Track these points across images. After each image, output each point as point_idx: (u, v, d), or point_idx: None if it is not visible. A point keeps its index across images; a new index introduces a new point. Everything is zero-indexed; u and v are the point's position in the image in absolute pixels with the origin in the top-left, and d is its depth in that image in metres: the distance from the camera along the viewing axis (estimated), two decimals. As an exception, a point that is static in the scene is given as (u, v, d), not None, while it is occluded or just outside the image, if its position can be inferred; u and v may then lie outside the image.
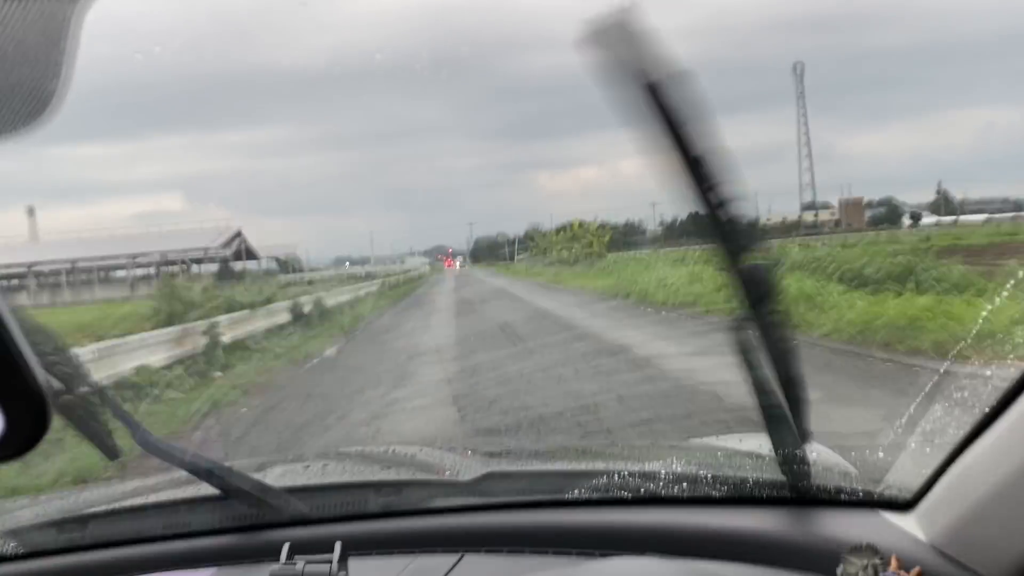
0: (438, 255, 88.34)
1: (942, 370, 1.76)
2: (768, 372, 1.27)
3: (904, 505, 1.38)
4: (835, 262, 16.77)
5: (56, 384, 1.23)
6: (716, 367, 8.46)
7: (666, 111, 1.11)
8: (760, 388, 1.30)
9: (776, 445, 1.40)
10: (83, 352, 10.36)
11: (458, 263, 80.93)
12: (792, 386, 1.29)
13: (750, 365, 1.28)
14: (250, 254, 59.87)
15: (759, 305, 1.22)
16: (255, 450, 7.35)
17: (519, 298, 26.72)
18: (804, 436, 1.36)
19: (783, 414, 1.33)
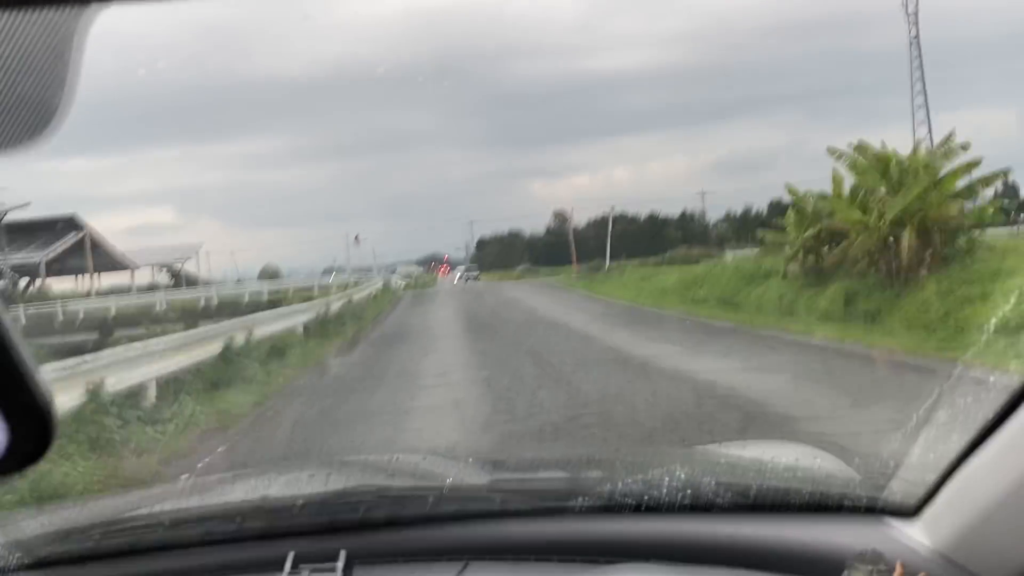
0: (432, 263, 64.63)
1: (947, 377, 1.76)
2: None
3: (909, 512, 1.37)
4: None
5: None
6: None
7: None
8: None
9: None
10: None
11: (458, 274, 56.16)
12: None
13: None
14: (106, 261, 35.91)
15: None
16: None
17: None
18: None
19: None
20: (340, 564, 1.41)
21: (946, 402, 1.51)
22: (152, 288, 37.62)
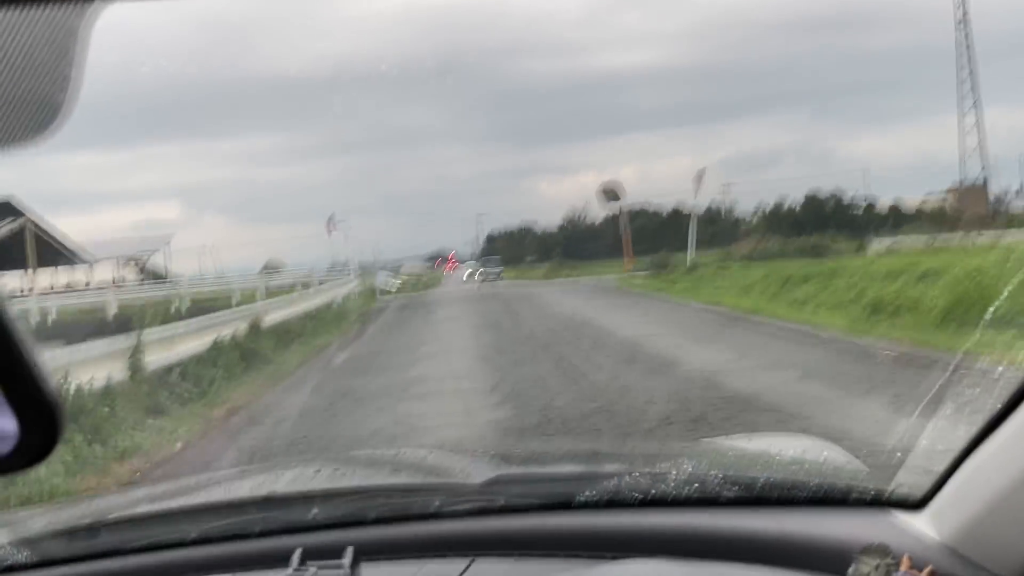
0: (438, 259, 58.48)
1: (952, 368, 1.75)
2: None
3: (915, 504, 1.37)
4: None
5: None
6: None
7: None
8: None
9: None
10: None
11: (467, 271, 46.75)
12: None
13: None
14: (56, 254, 29.64)
15: None
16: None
17: None
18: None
19: None
20: (347, 559, 1.41)
21: (953, 393, 1.51)
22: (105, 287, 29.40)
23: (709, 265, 28.17)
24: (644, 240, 40.11)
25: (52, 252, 29.02)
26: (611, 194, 42.18)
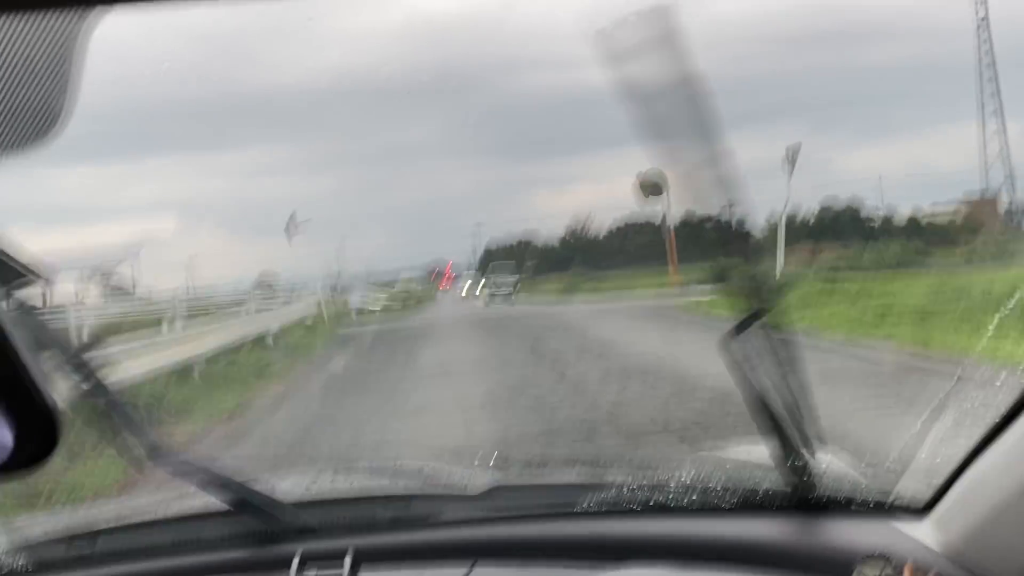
0: (434, 272, 51.92)
1: (954, 377, 1.74)
2: (771, 379, 1.28)
3: (917, 512, 1.37)
4: None
5: (76, 392, 1.24)
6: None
7: (689, 121, 1.10)
8: (761, 396, 1.31)
9: (783, 453, 1.40)
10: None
11: (467, 284, 39.91)
12: (797, 393, 1.30)
13: (750, 373, 1.29)
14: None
15: (759, 310, 1.24)
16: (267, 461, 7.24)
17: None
18: (809, 443, 1.36)
19: (786, 422, 1.34)
20: (347, 564, 1.41)
21: (953, 402, 1.51)
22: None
23: (796, 278, 20.73)
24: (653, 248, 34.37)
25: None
26: (652, 187, 31.82)
